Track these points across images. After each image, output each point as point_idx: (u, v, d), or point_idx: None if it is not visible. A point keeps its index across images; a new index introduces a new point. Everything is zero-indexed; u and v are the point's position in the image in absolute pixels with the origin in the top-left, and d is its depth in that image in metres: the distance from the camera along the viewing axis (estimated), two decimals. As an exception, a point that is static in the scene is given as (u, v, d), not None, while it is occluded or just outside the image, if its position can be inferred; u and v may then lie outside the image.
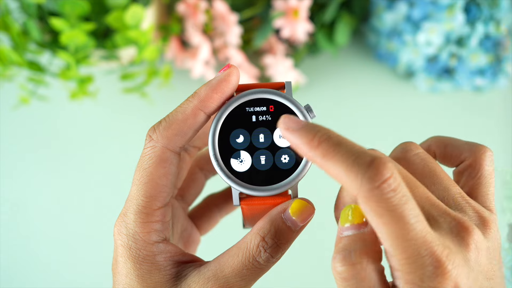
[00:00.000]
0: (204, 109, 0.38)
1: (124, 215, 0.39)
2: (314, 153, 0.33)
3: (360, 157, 0.32)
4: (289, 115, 0.35)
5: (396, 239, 0.31)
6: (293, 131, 0.34)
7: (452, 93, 0.91)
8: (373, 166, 0.31)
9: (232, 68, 0.39)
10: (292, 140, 0.34)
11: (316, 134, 0.33)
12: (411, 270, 0.32)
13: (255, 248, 0.37)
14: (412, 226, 0.32)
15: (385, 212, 0.31)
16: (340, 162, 0.32)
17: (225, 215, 0.52)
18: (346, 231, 0.35)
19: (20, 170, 0.88)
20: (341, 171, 0.32)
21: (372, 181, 0.31)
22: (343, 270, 0.33)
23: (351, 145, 0.33)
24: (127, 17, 0.76)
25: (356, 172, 0.32)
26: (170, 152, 0.39)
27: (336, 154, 0.32)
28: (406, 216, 0.31)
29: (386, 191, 0.31)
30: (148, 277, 0.39)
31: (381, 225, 0.32)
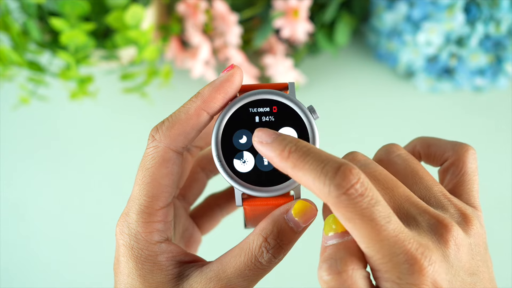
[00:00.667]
0: (207, 109, 0.38)
1: (126, 214, 0.39)
2: (285, 164, 0.34)
3: (328, 164, 0.33)
4: (263, 128, 0.36)
5: (369, 241, 0.32)
6: (266, 144, 0.35)
7: (452, 93, 0.91)
8: (340, 173, 0.32)
9: (236, 68, 0.39)
10: (265, 153, 0.35)
11: (286, 145, 0.34)
12: (388, 269, 0.32)
13: (258, 248, 0.37)
14: (383, 227, 0.32)
15: (355, 216, 0.32)
16: (309, 171, 0.33)
17: (227, 215, 0.52)
18: (330, 240, 0.35)
19: (20, 170, 0.88)
20: (310, 180, 0.33)
21: (339, 187, 0.32)
22: (330, 279, 0.33)
23: (318, 153, 0.34)
24: (127, 17, 0.76)
25: (324, 180, 0.32)
26: (173, 152, 0.39)
27: (305, 163, 0.33)
28: (375, 218, 0.32)
29: (353, 196, 0.32)
30: (150, 277, 0.39)
31: (353, 229, 0.32)
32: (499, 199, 0.84)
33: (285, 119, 0.39)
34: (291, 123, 0.39)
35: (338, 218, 0.33)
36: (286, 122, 0.39)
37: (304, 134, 0.39)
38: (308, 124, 0.39)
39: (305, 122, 0.39)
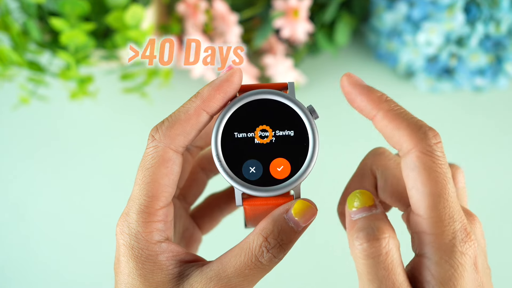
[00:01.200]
0: (207, 109, 0.39)
1: (126, 214, 0.39)
2: (380, 106, 0.37)
3: (421, 120, 0.36)
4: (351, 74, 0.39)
5: (436, 198, 0.35)
6: (363, 85, 0.38)
7: (452, 93, 0.91)
8: (432, 129, 0.36)
9: (235, 68, 0.39)
10: (361, 91, 0.38)
11: (383, 93, 0.38)
12: (444, 233, 0.35)
13: (258, 248, 0.37)
14: (451, 189, 0.35)
15: (436, 168, 0.35)
16: (405, 118, 0.36)
17: (227, 215, 0.52)
18: (357, 214, 0.37)
19: (20, 170, 0.88)
20: (403, 124, 0.36)
21: (433, 138, 0.35)
22: (367, 246, 0.35)
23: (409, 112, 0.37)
24: (127, 17, 0.76)
25: (419, 128, 0.35)
26: (172, 152, 0.39)
27: (402, 112, 0.36)
28: (449, 178, 0.35)
29: (440, 150, 0.35)
30: (151, 276, 0.39)
31: (428, 180, 0.35)
32: (499, 199, 0.84)
33: (285, 119, 0.39)
34: (291, 123, 0.39)
35: (415, 167, 0.35)
36: (286, 122, 0.39)
37: (303, 134, 0.39)
38: (308, 123, 0.39)
39: (304, 122, 0.39)
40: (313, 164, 0.39)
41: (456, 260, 0.34)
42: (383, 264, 0.34)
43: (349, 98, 0.38)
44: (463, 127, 0.90)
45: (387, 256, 0.34)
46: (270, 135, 0.39)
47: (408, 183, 0.36)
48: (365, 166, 0.43)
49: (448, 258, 0.34)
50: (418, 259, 0.36)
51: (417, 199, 0.35)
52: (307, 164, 0.39)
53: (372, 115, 0.37)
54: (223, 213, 0.51)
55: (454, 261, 0.34)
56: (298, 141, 0.39)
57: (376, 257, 0.34)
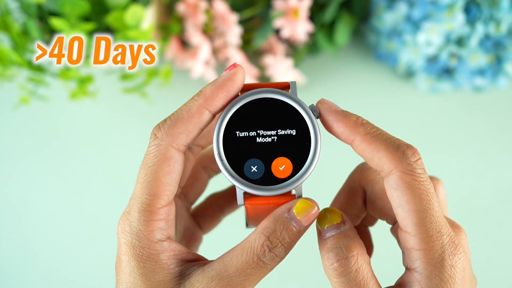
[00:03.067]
0: (209, 108, 0.39)
1: (127, 213, 0.39)
2: (357, 130, 0.37)
3: (398, 139, 0.37)
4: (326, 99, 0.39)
5: (422, 214, 0.35)
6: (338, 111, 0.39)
7: (452, 93, 0.91)
8: (410, 146, 0.37)
9: (238, 67, 0.39)
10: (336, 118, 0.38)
11: (359, 117, 0.38)
12: (432, 248, 0.35)
13: (260, 247, 0.37)
14: (435, 204, 0.36)
15: (418, 185, 0.36)
16: (383, 139, 0.37)
17: (228, 214, 0.52)
18: (328, 232, 0.38)
19: (20, 170, 0.88)
20: (382, 145, 0.37)
21: (412, 156, 0.36)
22: (338, 265, 0.36)
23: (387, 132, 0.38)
24: (127, 17, 0.76)
25: (397, 148, 0.36)
26: (175, 151, 0.39)
27: (379, 133, 0.37)
28: (432, 193, 0.36)
29: (420, 168, 0.36)
30: (152, 275, 0.39)
31: (411, 198, 0.36)
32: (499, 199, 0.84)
33: (287, 118, 0.39)
34: (293, 122, 0.39)
35: (398, 187, 0.36)
36: (288, 121, 0.39)
37: (306, 133, 0.39)
38: (310, 123, 0.39)
39: (307, 121, 0.39)
40: (315, 163, 0.39)
41: (446, 274, 0.36)
42: (355, 280, 0.36)
43: (325, 125, 0.39)
44: (463, 127, 0.90)
45: (357, 273, 0.36)
46: (272, 134, 0.39)
47: (393, 203, 0.37)
48: (353, 181, 0.44)
49: (438, 272, 0.36)
50: (409, 274, 0.37)
51: (403, 217, 0.36)
52: (309, 163, 0.39)
53: (351, 140, 0.38)
54: (224, 213, 0.51)
55: (444, 275, 0.36)
56: (300, 140, 0.39)
57: (347, 274, 0.36)
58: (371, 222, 0.47)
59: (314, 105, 0.40)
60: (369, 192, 0.43)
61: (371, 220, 0.46)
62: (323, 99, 0.39)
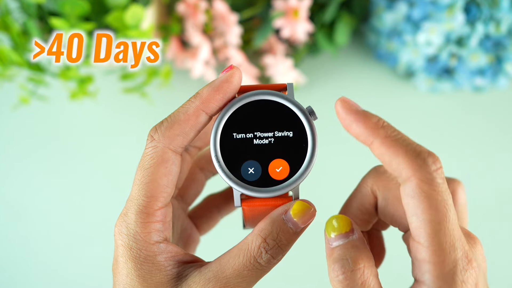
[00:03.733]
0: (206, 110, 0.39)
1: (124, 215, 0.39)
2: (378, 132, 0.36)
3: (420, 145, 0.35)
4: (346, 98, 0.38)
5: (437, 226, 0.34)
6: (359, 111, 0.37)
7: (452, 93, 0.91)
8: (432, 154, 0.35)
9: (235, 69, 0.39)
10: (356, 118, 0.37)
11: (380, 118, 0.37)
12: (445, 262, 0.34)
13: (256, 249, 0.37)
14: (452, 216, 0.34)
15: (435, 195, 0.34)
16: (403, 144, 0.35)
17: (225, 216, 0.52)
18: (335, 242, 0.37)
19: (20, 170, 0.88)
20: (401, 151, 0.35)
21: (432, 164, 0.34)
22: (343, 278, 0.35)
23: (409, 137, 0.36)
24: (127, 17, 0.76)
25: (418, 154, 0.35)
26: (171, 152, 0.39)
27: (400, 137, 0.36)
28: (449, 205, 0.35)
29: (440, 177, 0.34)
30: (149, 277, 0.39)
31: (428, 209, 0.34)
32: (499, 199, 0.84)
33: (284, 120, 0.39)
34: (290, 124, 0.39)
35: (415, 195, 0.34)
36: (285, 123, 0.39)
37: (302, 135, 0.39)
38: (307, 124, 0.39)
39: (304, 123, 0.39)
40: (312, 165, 0.39)
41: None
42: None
43: (345, 124, 0.38)
44: (463, 127, 0.90)
45: (363, 287, 0.35)
46: (269, 136, 0.39)
47: (408, 211, 0.35)
48: (366, 185, 0.42)
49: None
50: (417, 286, 0.36)
51: (417, 226, 0.35)
52: (306, 165, 0.39)
53: (370, 142, 0.36)
54: (221, 214, 0.51)
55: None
56: (297, 142, 0.39)
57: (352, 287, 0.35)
58: (383, 226, 0.45)
59: (311, 107, 0.40)
60: (381, 198, 0.41)
61: (383, 224, 0.45)
62: (344, 98, 0.38)
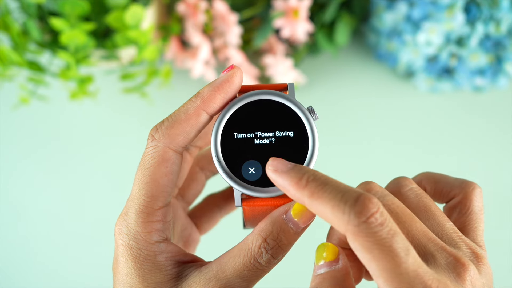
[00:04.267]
0: (206, 109, 0.39)
1: (125, 214, 0.39)
2: (302, 193, 0.34)
3: (347, 193, 0.33)
4: (277, 158, 0.36)
5: (388, 274, 0.32)
6: (282, 173, 0.35)
7: (452, 93, 0.91)
8: (360, 202, 0.32)
9: (236, 69, 0.39)
10: (280, 182, 0.35)
11: (303, 175, 0.34)
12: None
13: (257, 249, 0.37)
14: (402, 259, 0.32)
15: (374, 246, 0.32)
16: (328, 200, 0.33)
17: (225, 215, 0.52)
18: (319, 270, 0.36)
19: (20, 170, 0.88)
20: (328, 209, 0.33)
21: (359, 215, 0.32)
22: None
23: (337, 183, 0.34)
24: (127, 17, 0.76)
25: (343, 208, 0.32)
26: (172, 152, 0.39)
27: (323, 192, 0.33)
28: (395, 249, 0.32)
29: (373, 225, 0.32)
30: (149, 277, 0.39)
31: (372, 260, 0.32)
32: (499, 199, 0.84)
33: (285, 120, 0.39)
34: (291, 124, 0.39)
35: (356, 249, 0.32)
36: (286, 123, 0.39)
37: (303, 135, 0.39)
38: (307, 125, 0.39)
39: (304, 123, 0.39)
40: (312, 165, 0.39)
41: None
42: None
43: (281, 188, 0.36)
44: (463, 127, 0.90)
45: None
46: (269, 135, 0.39)
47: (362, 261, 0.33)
48: None
49: None
50: None
51: (373, 275, 0.33)
52: (307, 165, 0.39)
53: (301, 202, 0.35)
54: (222, 214, 0.51)
55: None
56: (297, 142, 0.39)
57: None
58: None
59: (312, 107, 0.40)
60: None
61: None
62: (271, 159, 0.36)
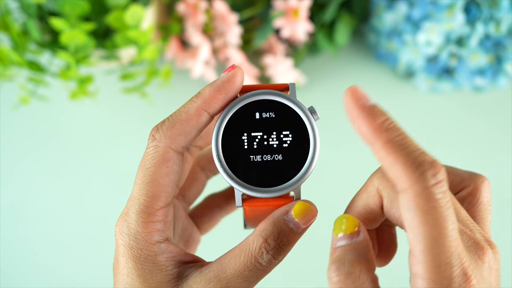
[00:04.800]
0: (207, 109, 0.38)
1: (125, 214, 0.39)
2: (379, 135, 0.33)
3: (423, 154, 0.33)
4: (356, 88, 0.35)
5: (431, 242, 0.32)
6: (363, 107, 0.34)
7: (452, 93, 0.91)
8: (434, 165, 0.32)
9: (237, 69, 0.39)
10: (361, 116, 0.34)
11: (387, 119, 0.34)
12: (438, 279, 0.32)
13: (258, 249, 0.37)
14: (450, 232, 0.32)
15: (432, 211, 0.32)
16: (404, 153, 0.33)
17: (226, 215, 0.52)
18: (339, 242, 0.36)
19: (20, 170, 0.88)
20: (399, 161, 0.33)
21: (431, 178, 0.32)
22: (338, 280, 0.34)
23: (414, 141, 0.33)
24: (127, 17, 0.76)
25: (417, 166, 0.32)
26: (173, 152, 0.39)
27: (402, 144, 0.33)
28: (448, 220, 0.32)
29: (439, 191, 0.32)
30: (150, 277, 0.39)
31: (422, 224, 0.32)
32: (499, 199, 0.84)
33: (286, 120, 0.39)
34: (292, 124, 0.39)
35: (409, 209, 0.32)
36: (287, 123, 0.39)
37: (305, 135, 0.39)
38: (309, 125, 0.39)
39: (305, 123, 0.39)
40: (313, 165, 0.39)
41: None
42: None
43: (350, 117, 0.35)
44: (463, 127, 0.90)
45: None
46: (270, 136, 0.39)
47: (405, 222, 0.33)
48: (371, 185, 0.40)
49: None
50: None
51: (412, 241, 0.33)
52: (308, 165, 0.39)
53: (371, 143, 0.34)
54: (222, 214, 0.51)
55: None
56: (299, 142, 0.39)
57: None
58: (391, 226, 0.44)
59: (313, 107, 0.39)
60: (387, 199, 0.39)
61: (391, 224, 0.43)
62: (354, 88, 0.35)
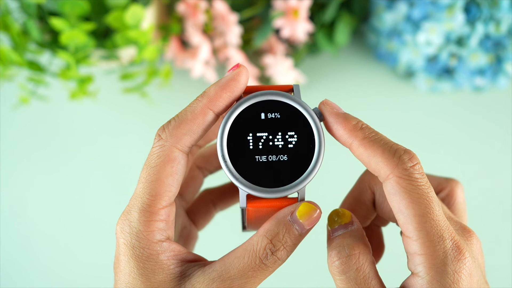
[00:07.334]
0: (213, 108, 0.39)
1: (127, 213, 0.39)
2: (356, 134, 0.38)
3: (395, 144, 0.37)
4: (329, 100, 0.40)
5: (421, 219, 0.35)
6: (339, 114, 0.39)
7: (452, 93, 0.92)
8: (407, 151, 0.37)
9: (242, 67, 0.39)
10: (337, 121, 0.39)
11: (359, 121, 0.38)
12: (435, 253, 0.35)
13: (262, 250, 0.38)
14: (436, 207, 0.36)
15: (416, 190, 0.36)
16: (379, 145, 0.37)
17: (220, 210, 0.52)
18: (336, 232, 0.39)
19: (20, 170, 0.88)
20: (378, 152, 0.37)
21: (408, 161, 0.36)
22: (339, 263, 0.37)
23: (386, 137, 0.38)
24: (127, 17, 0.76)
25: (394, 153, 0.36)
26: (178, 152, 0.39)
27: (377, 138, 0.37)
28: (432, 197, 0.36)
29: (418, 172, 0.36)
30: (152, 276, 0.39)
31: (410, 203, 0.36)
32: (499, 199, 0.84)
33: (291, 121, 0.39)
34: (297, 125, 0.39)
35: (395, 192, 0.36)
36: (293, 124, 0.39)
37: (309, 136, 0.39)
38: (314, 126, 0.39)
39: (311, 124, 0.39)
40: (318, 166, 0.39)
41: (449, 280, 0.35)
42: (355, 279, 0.37)
43: (327, 127, 0.39)
44: (463, 127, 0.90)
45: (358, 272, 0.37)
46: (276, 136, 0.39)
47: (394, 208, 0.37)
48: (363, 181, 0.44)
49: (440, 278, 0.35)
50: (412, 278, 0.37)
51: (404, 222, 0.36)
52: (313, 166, 0.39)
53: (349, 144, 0.38)
54: (217, 209, 0.51)
55: (446, 281, 0.35)
56: (304, 143, 0.39)
57: (348, 272, 0.37)
58: (383, 222, 0.47)
59: (318, 108, 0.40)
60: (378, 194, 0.43)
61: (382, 221, 0.47)
62: (326, 100, 0.40)
